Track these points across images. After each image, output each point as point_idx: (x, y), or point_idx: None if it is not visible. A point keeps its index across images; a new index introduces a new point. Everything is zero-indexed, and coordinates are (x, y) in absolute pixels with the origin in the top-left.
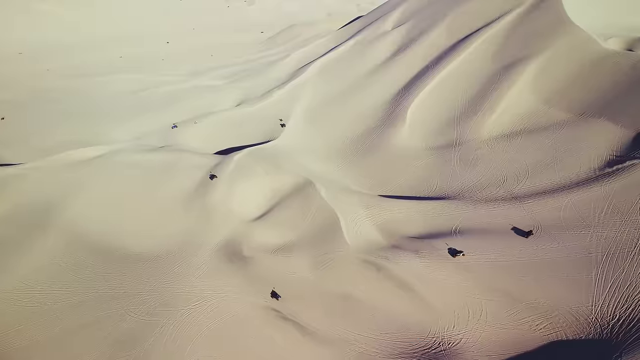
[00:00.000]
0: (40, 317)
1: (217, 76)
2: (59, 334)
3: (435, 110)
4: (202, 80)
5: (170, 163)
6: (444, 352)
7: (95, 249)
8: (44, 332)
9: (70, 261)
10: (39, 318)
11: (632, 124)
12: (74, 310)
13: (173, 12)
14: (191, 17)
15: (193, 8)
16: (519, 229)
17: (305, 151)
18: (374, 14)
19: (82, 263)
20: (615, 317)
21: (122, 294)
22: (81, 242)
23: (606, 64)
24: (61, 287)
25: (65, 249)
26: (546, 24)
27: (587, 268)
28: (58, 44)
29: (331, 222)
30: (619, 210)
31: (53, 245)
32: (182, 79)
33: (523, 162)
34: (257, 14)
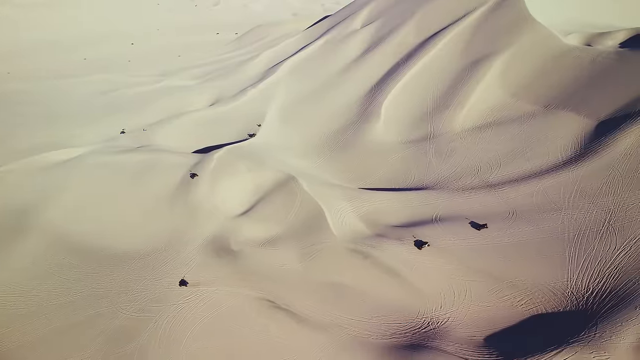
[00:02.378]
0: (29, 319)
1: (188, 76)
2: (50, 334)
3: (408, 105)
4: (174, 81)
5: (149, 163)
6: (434, 330)
7: (77, 250)
8: (34, 333)
9: (53, 263)
10: (27, 320)
11: (594, 114)
12: (63, 311)
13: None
14: (154, 17)
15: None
16: (474, 222)
17: (282, 148)
18: (342, 13)
19: (66, 264)
20: (589, 290)
21: (112, 292)
22: (62, 244)
23: (567, 58)
24: (47, 288)
25: (47, 251)
26: (510, 21)
27: (561, 247)
28: (16, 46)
29: (316, 214)
30: (586, 194)
31: (34, 248)
32: (152, 80)
33: (495, 153)
34: (222, 14)
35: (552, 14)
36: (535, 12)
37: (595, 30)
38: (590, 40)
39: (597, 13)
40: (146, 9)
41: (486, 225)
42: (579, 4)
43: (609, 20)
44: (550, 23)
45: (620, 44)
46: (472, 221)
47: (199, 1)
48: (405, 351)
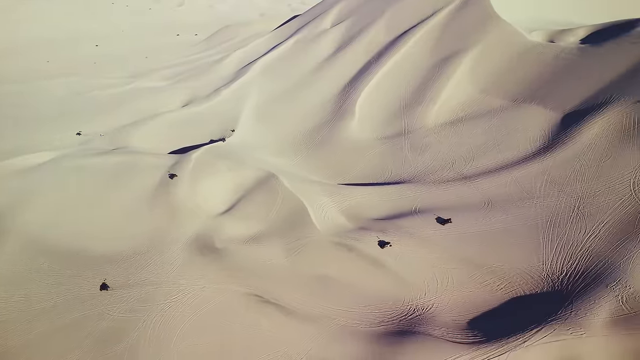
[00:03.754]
0: (11, 325)
1: (158, 77)
2: (35, 339)
3: (382, 102)
4: (144, 82)
5: (125, 165)
6: (420, 316)
7: (56, 254)
8: (18, 339)
9: (32, 268)
10: (9, 325)
11: (559, 107)
12: (46, 315)
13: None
14: (119, 18)
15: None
16: (440, 217)
17: (258, 148)
18: (311, 12)
19: (45, 268)
20: (564, 271)
21: (96, 294)
22: (40, 248)
23: (532, 54)
24: (27, 293)
25: (24, 256)
26: (476, 19)
27: (535, 233)
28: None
29: (298, 210)
30: (556, 183)
31: (10, 252)
32: (122, 81)
33: (468, 146)
34: (187, 15)
35: (516, 13)
36: (500, 11)
37: (557, 28)
38: (552, 37)
39: (558, 11)
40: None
41: (450, 220)
42: (541, 3)
43: (570, 18)
44: (514, 21)
45: (581, 40)
46: (438, 217)
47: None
48: (394, 337)
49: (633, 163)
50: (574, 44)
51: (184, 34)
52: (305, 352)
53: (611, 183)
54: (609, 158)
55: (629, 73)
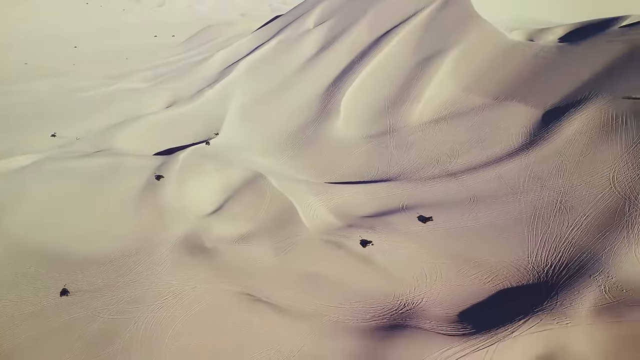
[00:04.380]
0: (0, 329)
1: (140, 78)
2: (25, 342)
3: (366, 101)
4: (126, 83)
5: (110, 167)
6: (410, 311)
7: (42, 257)
8: (7, 343)
9: (18, 272)
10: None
11: (540, 104)
12: (36, 318)
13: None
14: (97, 19)
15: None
16: (422, 215)
17: (244, 148)
18: (294, 12)
19: (31, 272)
20: (548, 263)
21: (85, 297)
22: (25, 252)
23: (513, 53)
24: (14, 297)
25: (9, 260)
26: (457, 19)
27: (520, 227)
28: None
29: (287, 209)
30: (539, 177)
31: None
32: (103, 83)
33: (452, 143)
34: (167, 15)
35: (496, 12)
36: (481, 10)
37: (536, 27)
38: (532, 35)
39: (537, 10)
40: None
41: (431, 218)
42: (520, 2)
43: (548, 17)
44: (495, 20)
45: (560, 39)
46: (420, 215)
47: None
48: (386, 332)
49: (612, 157)
50: (553, 42)
51: (164, 35)
52: (298, 349)
53: (591, 177)
54: (588, 153)
55: (606, 71)
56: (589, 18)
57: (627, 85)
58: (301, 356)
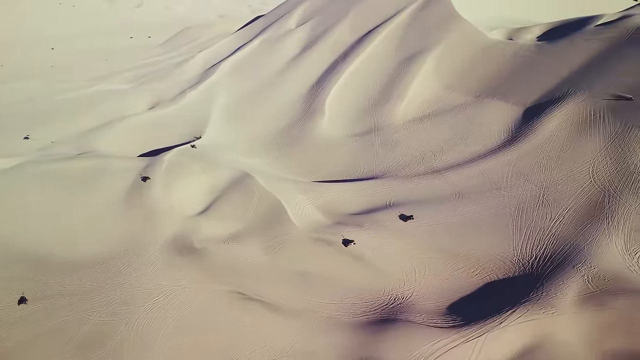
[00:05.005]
0: None
1: (121, 80)
2: (14, 347)
3: (351, 101)
4: (106, 85)
5: (94, 169)
6: (400, 305)
7: (27, 261)
8: None
9: (4, 276)
10: None
11: (520, 102)
12: (24, 322)
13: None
14: (73, 21)
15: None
16: (403, 214)
17: (229, 148)
18: (275, 13)
19: (16, 276)
20: (533, 256)
21: (74, 300)
22: (11, 256)
23: (493, 52)
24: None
25: None
26: (438, 18)
27: (505, 221)
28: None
29: (275, 208)
30: (522, 173)
31: None
32: (83, 85)
33: (436, 141)
34: (145, 16)
35: (476, 12)
36: (460, 10)
37: (515, 26)
38: (511, 34)
39: (515, 10)
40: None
41: (412, 217)
42: (499, 2)
43: (526, 16)
44: (475, 20)
45: (538, 37)
46: (402, 214)
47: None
48: (377, 326)
49: (591, 152)
50: (532, 41)
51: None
52: (291, 345)
53: (572, 172)
54: (568, 148)
55: (583, 68)
56: (565, 17)
57: (604, 82)
58: (294, 352)
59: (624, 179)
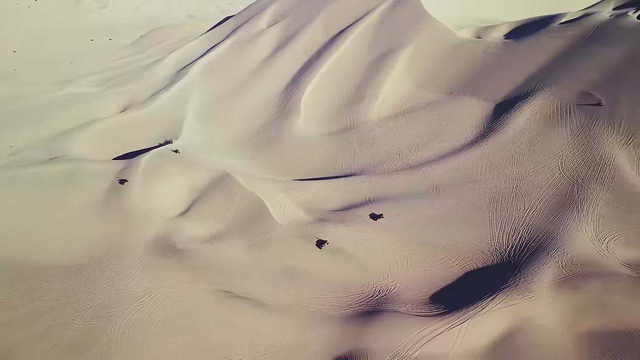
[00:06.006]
0: None
1: (89, 83)
2: None
3: (326, 99)
4: (75, 88)
5: (68, 173)
6: (385, 296)
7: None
8: None
9: None
10: None
11: (490, 98)
12: (5, 330)
13: (10, 17)
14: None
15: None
16: (374, 213)
17: (205, 149)
18: (245, 13)
19: None
20: (510, 245)
21: (56, 305)
22: None
23: (463, 50)
24: None
25: None
26: (409, 18)
27: (481, 213)
28: None
29: (257, 206)
30: (495, 167)
31: None
32: (50, 89)
33: (412, 137)
34: (111, 17)
35: (444, 11)
36: (430, 10)
37: (482, 24)
38: (479, 33)
39: (481, 9)
40: (24, 14)
41: (382, 215)
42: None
43: (493, 15)
44: (443, 19)
45: (505, 36)
46: (372, 213)
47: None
48: (364, 317)
49: (559, 145)
50: (499, 39)
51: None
52: (280, 340)
53: (542, 164)
54: (538, 142)
55: (549, 65)
56: (530, 16)
57: (569, 78)
58: (283, 347)
59: (591, 169)
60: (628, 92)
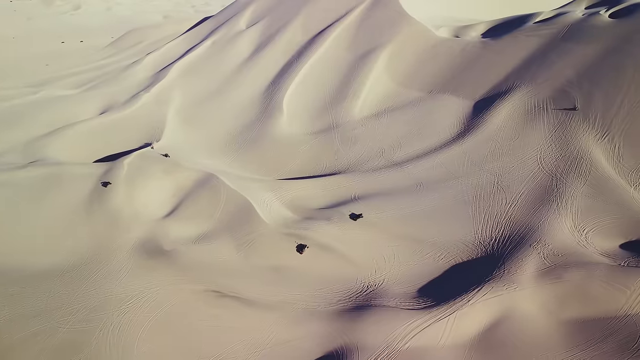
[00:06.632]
0: None
1: (66, 85)
2: None
3: (308, 99)
4: (52, 91)
5: (49, 177)
6: (374, 291)
7: None
8: None
9: None
10: None
11: (470, 96)
12: None
13: None
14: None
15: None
16: (353, 213)
17: (188, 150)
18: (224, 14)
19: None
20: (493, 238)
21: (43, 310)
22: None
23: (441, 49)
24: None
25: None
26: (387, 17)
27: (465, 208)
28: None
29: (243, 206)
30: (476, 162)
31: None
32: (26, 92)
33: (394, 136)
34: (85, 19)
35: (421, 11)
36: (408, 9)
37: (460, 24)
38: (457, 32)
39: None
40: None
41: (362, 215)
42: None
43: (470, 15)
44: (421, 18)
45: (482, 35)
46: (352, 213)
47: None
48: (354, 312)
49: (537, 140)
50: (477, 38)
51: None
52: (271, 337)
53: (522, 159)
54: (517, 138)
55: (526, 63)
56: (506, 15)
57: (545, 75)
58: (274, 344)
59: (569, 163)
60: (601, 88)
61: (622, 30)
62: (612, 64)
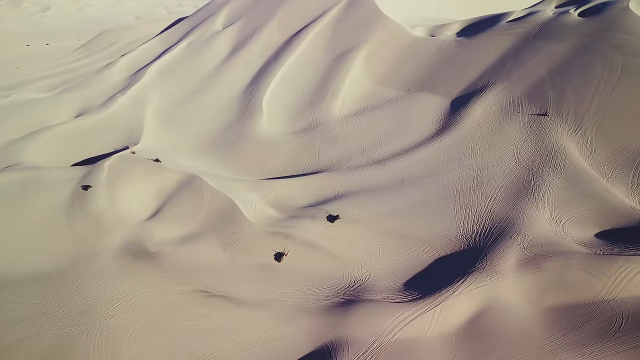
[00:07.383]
0: None
1: (39, 88)
2: None
3: (288, 99)
4: (24, 94)
5: (27, 181)
6: (361, 286)
7: None
8: None
9: None
10: None
11: (447, 93)
12: None
13: None
14: None
15: None
16: (330, 215)
17: (168, 152)
18: (199, 14)
19: None
20: (474, 231)
21: (27, 316)
22: None
23: (418, 48)
24: None
25: None
26: (364, 18)
27: (446, 202)
28: None
29: (228, 206)
30: (455, 158)
31: None
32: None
33: (375, 134)
34: (55, 20)
35: (396, 11)
36: (384, 9)
37: (435, 23)
38: (433, 31)
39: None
40: None
41: (339, 216)
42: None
43: (445, 14)
44: (398, 18)
45: (457, 34)
46: (329, 214)
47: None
48: (342, 307)
49: (513, 136)
50: (452, 37)
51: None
52: (261, 335)
53: (499, 154)
54: (494, 134)
55: (500, 61)
56: (480, 14)
57: (519, 73)
58: (266, 340)
59: (544, 157)
60: (573, 84)
61: (591, 28)
62: (582, 62)
